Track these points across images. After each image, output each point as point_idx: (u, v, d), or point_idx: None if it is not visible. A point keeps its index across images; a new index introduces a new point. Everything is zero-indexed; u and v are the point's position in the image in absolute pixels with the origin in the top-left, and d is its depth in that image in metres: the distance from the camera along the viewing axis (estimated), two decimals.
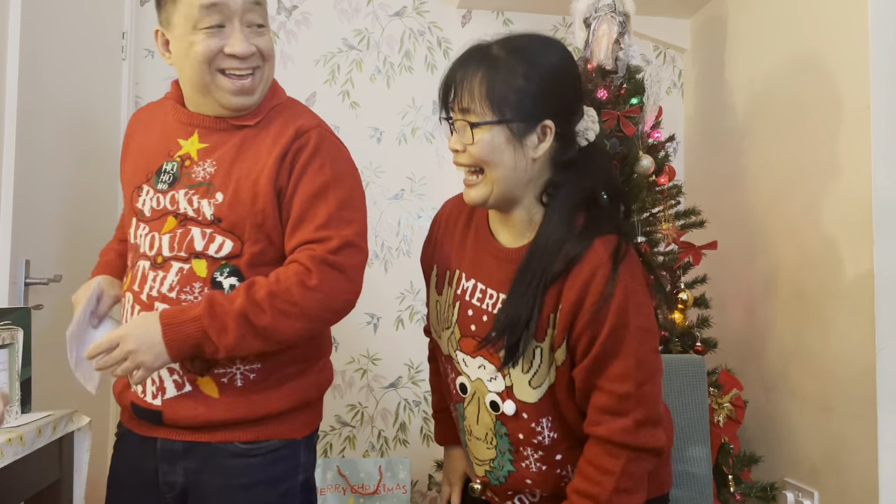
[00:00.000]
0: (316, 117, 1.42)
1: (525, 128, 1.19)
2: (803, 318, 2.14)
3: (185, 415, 1.31)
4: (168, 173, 1.36)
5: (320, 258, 1.28)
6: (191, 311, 1.23)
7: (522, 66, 1.20)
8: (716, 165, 2.68)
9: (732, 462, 2.05)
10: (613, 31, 2.25)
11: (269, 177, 1.31)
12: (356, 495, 2.53)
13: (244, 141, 1.35)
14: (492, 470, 1.31)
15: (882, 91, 1.87)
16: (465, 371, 1.30)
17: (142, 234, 1.37)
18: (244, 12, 1.31)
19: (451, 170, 2.83)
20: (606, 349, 1.18)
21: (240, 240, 1.31)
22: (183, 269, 1.31)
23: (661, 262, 2.17)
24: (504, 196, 1.23)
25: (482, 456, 1.32)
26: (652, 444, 1.20)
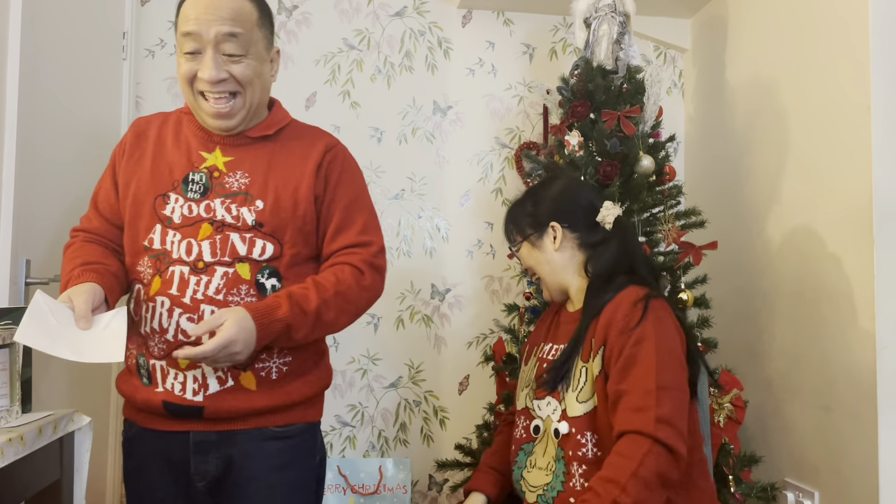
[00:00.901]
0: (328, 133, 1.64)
1: (538, 235, 1.62)
2: (803, 319, 2.14)
3: (227, 407, 1.43)
4: (197, 183, 1.48)
5: (369, 262, 1.51)
6: (277, 311, 1.38)
7: (529, 199, 1.68)
8: (716, 165, 2.68)
9: (733, 462, 2.05)
10: (614, 31, 2.25)
11: (308, 186, 1.49)
12: (356, 495, 2.53)
13: (272, 154, 1.51)
14: (543, 493, 1.47)
15: (882, 91, 1.87)
16: (538, 415, 1.54)
17: (174, 241, 1.45)
18: (217, 42, 1.41)
19: (451, 170, 2.86)
20: (631, 356, 1.39)
21: (279, 243, 1.46)
22: (227, 272, 1.43)
23: (661, 263, 2.17)
24: (555, 286, 1.63)
25: (538, 482, 1.49)
26: (671, 442, 1.33)
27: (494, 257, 2.78)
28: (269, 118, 1.56)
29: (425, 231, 2.76)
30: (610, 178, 2.13)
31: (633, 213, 2.12)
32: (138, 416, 1.51)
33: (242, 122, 1.49)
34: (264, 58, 1.49)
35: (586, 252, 1.60)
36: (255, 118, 1.52)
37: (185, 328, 1.42)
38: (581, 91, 2.23)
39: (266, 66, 1.51)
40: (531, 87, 2.85)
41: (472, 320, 2.78)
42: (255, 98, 1.48)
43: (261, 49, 1.47)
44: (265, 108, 1.56)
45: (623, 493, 1.31)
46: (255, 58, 1.46)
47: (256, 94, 1.48)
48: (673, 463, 1.34)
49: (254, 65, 1.46)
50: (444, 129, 2.80)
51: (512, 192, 2.80)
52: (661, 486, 1.34)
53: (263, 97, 1.52)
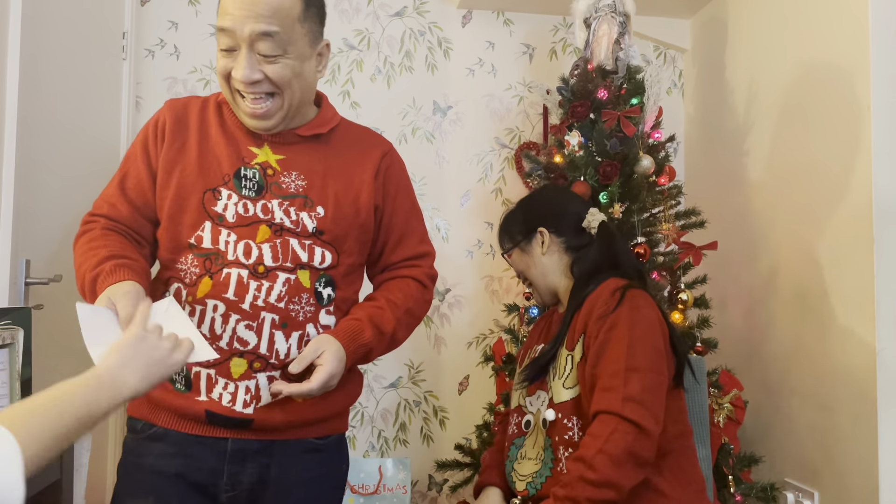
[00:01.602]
0: (380, 136, 1.60)
1: (527, 241, 1.71)
2: (803, 319, 2.14)
3: (277, 419, 1.38)
4: (251, 180, 1.40)
5: (430, 275, 1.54)
6: (361, 336, 1.39)
7: (519, 209, 1.79)
8: (716, 166, 2.68)
9: (732, 462, 2.05)
10: (614, 32, 2.25)
11: (368, 194, 1.45)
12: (356, 495, 2.53)
13: (327, 157, 1.45)
14: (532, 480, 1.52)
15: (882, 91, 1.87)
16: (529, 410, 1.60)
17: (228, 241, 1.37)
18: (252, 41, 1.31)
19: (451, 170, 2.85)
20: (604, 341, 1.45)
21: (337, 252, 1.42)
22: (290, 279, 1.37)
23: (661, 263, 2.17)
24: (544, 289, 1.70)
25: (527, 471, 1.54)
26: (637, 419, 1.37)
27: (494, 257, 2.78)
28: (320, 116, 1.48)
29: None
30: (610, 178, 2.13)
31: (633, 213, 2.12)
32: (161, 415, 1.39)
33: (282, 123, 1.40)
34: (307, 55, 1.37)
35: (572, 255, 1.68)
36: (297, 117, 1.43)
37: (243, 337, 1.34)
38: (581, 91, 2.23)
39: (309, 64, 1.39)
40: (531, 87, 2.84)
41: (472, 320, 2.78)
42: (295, 98, 1.38)
43: (303, 46, 1.35)
44: (310, 105, 1.47)
45: (590, 470, 1.35)
46: (295, 56, 1.34)
47: (296, 94, 1.37)
48: (642, 439, 1.37)
49: (292, 64, 1.34)
50: (443, 130, 2.80)
51: (512, 193, 2.80)
52: (633, 463, 1.36)
53: (306, 96, 1.42)
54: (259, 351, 1.34)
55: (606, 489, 1.35)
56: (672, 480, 1.46)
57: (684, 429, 1.54)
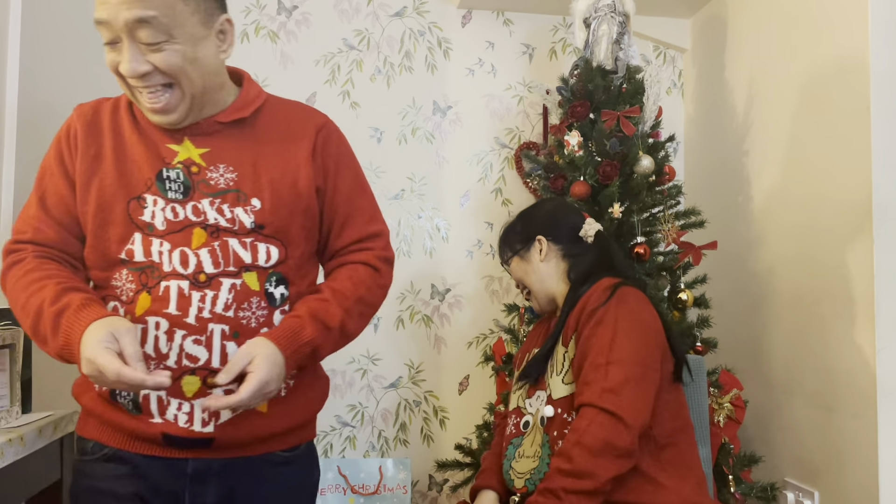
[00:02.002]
0: (314, 108, 1.45)
1: (525, 248, 1.75)
2: (803, 318, 2.14)
3: (241, 435, 1.27)
4: (175, 181, 1.26)
5: (383, 257, 1.39)
6: (301, 334, 1.24)
7: (518, 220, 1.82)
8: (716, 165, 2.68)
9: (732, 462, 2.05)
10: (613, 31, 2.25)
11: (307, 176, 1.32)
12: (356, 495, 2.53)
13: (256, 141, 1.31)
14: (530, 477, 1.52)
15: (882, 91, 1.87)
16: (529, 411, 1.61)
17: (162, 251, 1.24)
18: (131, 30, 1.16)
19: (451, 170, 2.85)
20: (589, 336, 1.49)
21: (283, 245, 1.29)
22: (235, 284, 1.24)
23: (661, 263, 2.18)
24: (543, 295, 1.73)
25: (525, 469, 1.55)
26: (613, 409, 1.40)
27: (494, 257, 2.78)
28: (241, 98, 1.33)
29: (425, 231, 2.76)
30: (609, 178, 2.13)
31: (633, 213, 2.12)
32: (114, 436, 1.27)
33: (189, 114, 1.26)
34: (200, 36, 1.22)
35: (569, 261, 1.72)
36: (210, 104, 1.29)
37: (192, 353, 1.22)
38: (581, 91, 2.23)
39: (206, 45, 1.24)
40: (531, 87, 2.85)
41: (472, 320, 2.78)
42: (196, 87, 1.23)
43: (193, 27, 1.21)
44: (223, 89, 1.32)
45: (567, 462, 1.39)
46: (184, 40, 1.19)
47: (196, 82, 1.23)
48: (619, 430, 1.39)
49: (182, 50, 1.19)
50: (443, 130, 2.80)
51: (512, 193, 2.81)
52: (611, 454, 1.39)
53: (210, 81, 1.26)
54: (211, 366, 1.22)
55: (583, 479, 1.37)
56: (672, 473, 1.47)
57: (684, 423, 1.55)
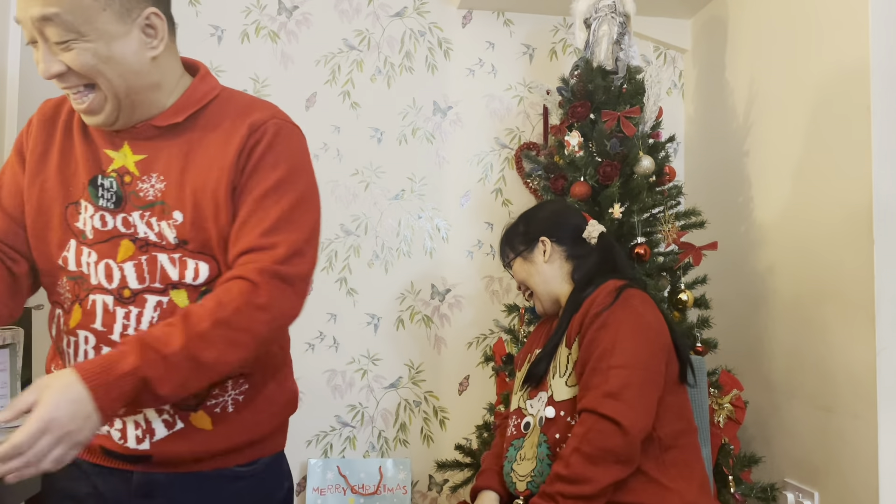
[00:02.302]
0: (270, 106, 1.24)
1: (528, 249, 1.74)
2: (803, 319, 2.14)
3: (179, 452, 1.18)
4: (108, 190, 1.18)
5: (270, 271, 1.12)
6: (120, 364, 1.01)
7: (521, 221, 1.81)
8: (716, 166, 2.68)
9: (733, 462, 2.05)
10: (614, 32, 2.25)
11: (227, 185, 1.15)
12: (356, 495, 2.53)
13: (190, 148, 1.18)
14: (532, 479, 1.52)
15: (882, 91, 1.87)
16: (530, 412, 1.60)
17: (90, 262, 1.17)
18: (40, 29, 1.08)
19: (451, 170, 2.85)
20: (592, 340, 1.48)
21: (214, 260, 1.16)
22: (161, 302, 1.15)
23: (661, 263, 2.18)
24: (546, 296, 1.72)
25: (525, 471, 1.54)
26: (613, 415, 1.39)
27: (494, 257, 2.78)
28: (183, 99, 1.20)
29: (425, 231, 2.76)
30: (610, 178, 2.13)
31: (633, 214, 2.12)
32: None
33: (118, 116, 1.15)
34: (115, 33, 1.10)
35: (573, 262, 1.71)
36: (143, 106, 1.17)
37: None
38: (581, 91, 2.23)
39: (124, 43, 1.11)
40: (531, 87, 2.85)
41: (472, 321, 2.78)
42: (118, 88, 1.12)
43: (105, 23, 1.09)
44: (158, 89, 1.18)
45: (565, 467, 1.39)
46: (95, 38, 1.08)
47: (116, 82, 1.12)
48: (619, 436, 1.38)
49: (93, 48, 1.09)
50: (444, 130, 2.80)
51: (512, 193, 2.81)
52: (610, 460, 1.38)
53: (135, 81, 1.14)
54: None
55: (580, 485, 1.37)
56: (675, 475, 1.47)
57: (688, 426, 1.55)
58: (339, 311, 2.70)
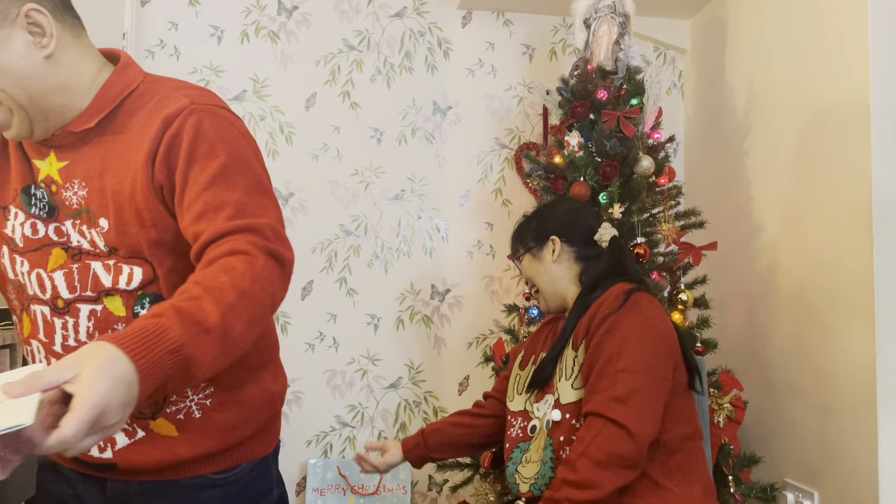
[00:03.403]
0: (191, 92, 1.12)
1: (538, 247, 1.71)
2: (803, 319, 2.14)
3: (144, 461, 1.13)
4: (40, 200, 1.12)
5: (259, 244, 1.01)
6: (165, 336, 0.86)
7: (534, 217, 1.79)
8: (716, 166, 2.68)
9: (732, 463, 2.05)
10: (613, 32, 2.25)
11: (144, 185, 1.05)
12: (356, 496, 2.53)
13: (106, 150, 1.09)
14: (535, 482, 1.51)
15: (882, 91, 1.88)
16: (536, 415, 1.59)
17: (23, 272, 1.13)
18: None
19: (451, 170, 2.85)
20: (600, 343, 1.47)
21: (148, 263, 1.09)
22: (95, 311, 1.09)
23: (661, 263, 2.18)
24: (552, 296, 1.70)
25: (530, 474, 1.54)
26: (621, 420, 1.38)
27: (494, 258, 2.78)
28: (95, 101, 1.10)
29: (425, 231, 2.76)
30: (609, 178, 2.13)
31: (633, 214, 2.12)
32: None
33: (32, 127, 1.08)
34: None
35: (581, 264, 1.70)
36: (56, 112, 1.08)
37: None
38: (581, 92, 2.23)
39: (9, 47, 1.02)
40: (531, 87, 2.85)
41: (472, 321, 2.78)
42: (20, 95, 1.04)
43: None
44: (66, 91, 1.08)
45: (572, 472, 1.38)
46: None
47: (14, 90, 1.03)
48: (626, 441, 1.37)
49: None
50: (443, 130, 2.80)
51: (512, 193, 2.81)
52: (616, 465, 1.37)
53: (33, 87, 1.04)
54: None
55: (586, 490, 1.36)
56: (679, 479, 1.47)
57: (694, 430, 1.55)
58: (339, 312, 2.70)
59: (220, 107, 1.12)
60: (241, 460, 1.19)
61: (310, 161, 2.68)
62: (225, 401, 1.14)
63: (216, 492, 1.17)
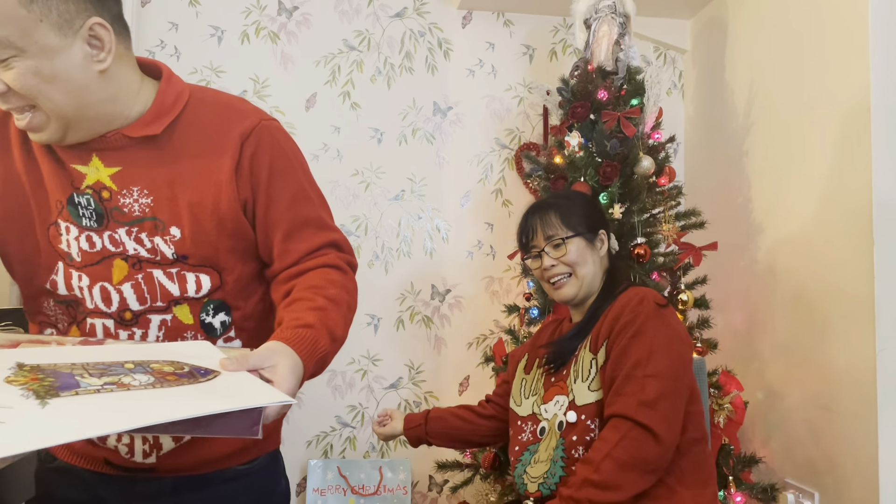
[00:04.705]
0: (249, 108, 1.19)
1: (592, 236, 1.65)
2: (803, 319, 2.14)
3: (183, 462, 1.18)
4: (86, 208, 1.12)
5: (347, 261, 1.21)
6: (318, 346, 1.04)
7: (583, 201, 1.73)
8: (716, 166, 2.68)
9: (733, 463, 2.05)
10: (614, 32, 2.25)
11: (230, 196, 1.13)
12: (356, 496, 2.53)
13: (174, 157, 1.12)
14: (544, 481, 1.51)
15: (882, 91, 1.88)
16: (545, 417, 1.58)
17: (82, 286, 1.13)
18: None
19: (451, 170, 2.85)
20: (626, 346, 1.45)
21: (216, 270, 1.15)
22: (166, 320, 1.14)
23: (661, 263, 2.18)
24: (588, 288, 1.63)
25: (538, 473, 1.53)
26: (650, 424, 1.37)
27: (494, 258, 2.78)
28: (154, 108, 1.12)
29: (425, 232, 2.76)
30: (610, 178, 2.13)
31: (633, 214, 2.12)
32: (61, 451, 1.22)
33: (65, 133, 1.08)
34: (56, 47, 1.00)
35: (609, 262, 1.70)
36: (100, 120, 1.09)
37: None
38: (581, 92, 2.23)
39: (66, 58, 1.01)
40: (531, 87, 2.85)
41: (472, 321, 2.78)
42: (68, 105, 1.04)
43: (43, 36, 0.99)
44: (114, 101, 1.09)
45: (595, 472, 1.36)
46: (34, 53, 0.99)
47: (59, 102, 1.03)
48: (653, 446, 1.37)
49: (31, 65, 1.00)
50: (444, 130, 2.80)
51: (512, 194, 2.81)
52: (641, 469, 1.37)
53: (83, 98, 1.05)
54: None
55: (611, 491, 1.36)
56: (689, 482, 1.47)
57: (702, 435, 1.55)
58: None
59: (272, 119, 1.21)
60: (260, 452, 1.28)
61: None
62: None
63: (241, 482, 1.25)
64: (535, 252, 1.67)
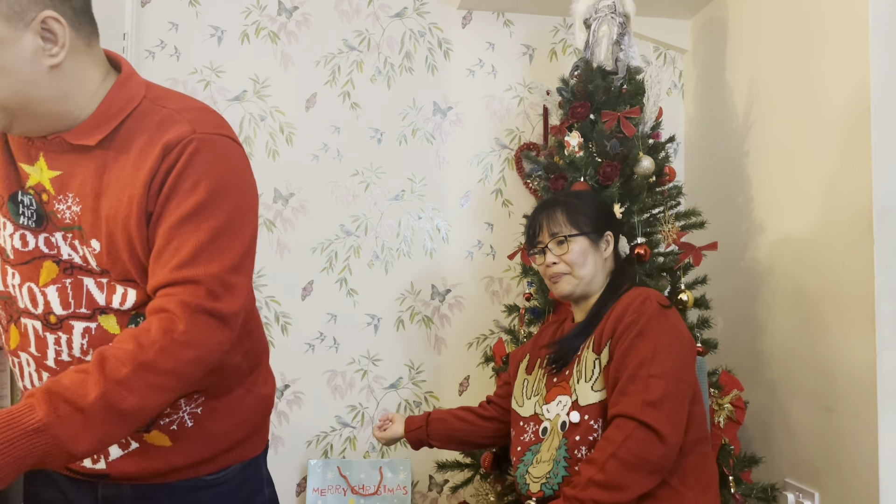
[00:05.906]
0: (195, 117, 1.09)
1: (597, 236, 1.66)
2: (804, 319, 2.14)
3: (137, 469, 1.14)
4: (28, 208, 1.09)
5: (193, 305, 1.01)
6: (26, 418, 0.89)
7: (591, 200, 1.73)
8: (716, 166, 2.68)
9: (733, 463, 2.04)
10: (614, 32, 2.25)
11: (137, 214, 1.03)
12: (356, 496, 2.53)
13: (105, 170, 1.06)
14: (546, 481, 1.51)
15: (882, 91, 1.88)
16: (547, 417, 1.58)
17: (14, 283, 1.11)
18: None
19: (451, 171, 2.85)
20: (630, 346, 1.46)
21: (139, 286, 1.08)
22: (90, 328, 1.08)
23: (661, 263, 2.17)
24: (586, 287, 1.64)
25: (540, 473, 1.53)
26: (655, 424, 1.37)
27: (494, 258, 2.78)
28: (97, 115, 1.06)
29: (425, 232, 2.76)
30: (610, 178, 2.13)
31: (633, 214, 2.12)
32: None
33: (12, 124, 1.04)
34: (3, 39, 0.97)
35: (614, 265, 1.70)
36: (51, 118, 1.05)
37: None
38: (581, 92, 2.23)
39: (15, 50, 0.98)
40: (531, 87, 2.85)
41: (472, 321, 2.78)
42: (9, 98, 1.00)
43: None
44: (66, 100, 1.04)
45: (600, 472, 1.36)
46: None
47: (4, 92, 1.00)
48: (657, 446, 1.38)
49: None
50: (444, 130, 2.80)
51: (512, 194, 2.81)
52: (646, 469, 1.37)
53: (31, 93, 1.01)
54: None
55: (616, 491, 1.36)
56: (692, 483, 1.47)
57: (704, 436, 1.56)
58: (339, 312, 2.70)
59: (221, 134, 1.09)
60: (233, 461, 1.21)
61: (310, 161, 2.68)
62: (216, 408, 1.16)
63: (209, 493, 1.19)
64: (539, 248, 1.68)
